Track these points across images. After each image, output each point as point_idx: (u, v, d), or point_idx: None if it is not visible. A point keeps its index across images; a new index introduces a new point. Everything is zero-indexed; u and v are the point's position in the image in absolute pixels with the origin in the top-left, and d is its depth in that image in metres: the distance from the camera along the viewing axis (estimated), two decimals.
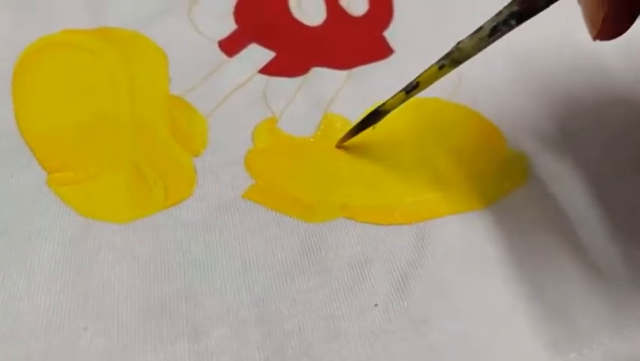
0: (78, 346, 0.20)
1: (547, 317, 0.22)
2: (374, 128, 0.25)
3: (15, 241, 0.22)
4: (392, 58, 0.30)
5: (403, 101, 0.23)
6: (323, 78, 0.28)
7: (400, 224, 0.24)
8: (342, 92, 0.28)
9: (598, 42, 0.19)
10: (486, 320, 0.22)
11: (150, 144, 0.25)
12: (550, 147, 0.26)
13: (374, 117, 0.24)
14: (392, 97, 0.24)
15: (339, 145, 0.26)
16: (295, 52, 0.29)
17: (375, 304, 0.22)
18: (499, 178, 0.25)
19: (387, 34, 0.31)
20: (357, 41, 0.30)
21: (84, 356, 0.20)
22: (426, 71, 0.22)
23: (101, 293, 0.21)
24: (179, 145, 0.25)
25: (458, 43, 0.21)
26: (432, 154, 0.26)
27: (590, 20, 0.18)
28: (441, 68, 0.22)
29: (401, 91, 0.23)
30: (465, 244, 0.23)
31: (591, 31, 0.19)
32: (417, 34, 0.30)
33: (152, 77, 0.27)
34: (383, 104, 0.24)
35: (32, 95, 0.26)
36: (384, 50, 0.30)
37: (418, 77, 0.23)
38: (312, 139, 0.26)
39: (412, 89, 0.23)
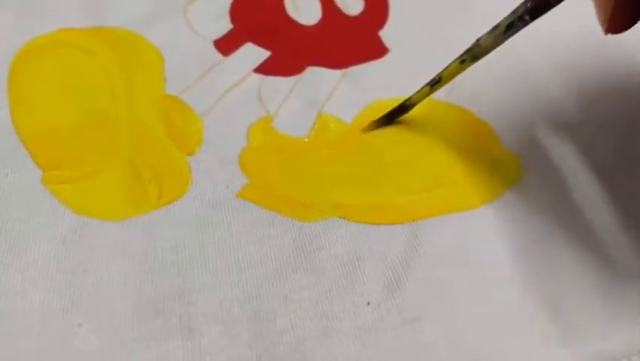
0: (72, 343, 0.20)
1: (541, 314, 0.22)
2: (401, 122, 0.26)
3: (10, 238, 0.22)
4: (387, 57, 0.30)
5: (427, 95, 0.25)
6: (318, 77, 0.28)
7: (394, 223, 0.24)
8: (337, 91, 0.28)
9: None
10: (479, 319, 0.22)
11: (145, 142, 0.25)
12: (544, 146, 0.26)
13: (400, 111, 0.26)
14: (417, 91, 0.25)
15: (363, 132, 0.26)
16: (290, 51, 0.29)
17: (368, 303, 0.22)
18: (493, 177, 0.25)
19: (382, 33, 0.31)
20: (353, 41, 0.30)
21: (78, 352, 0.20)
22: (448, 66, 0.23)
23: (96, 291, 0.21)
24: (174, 144, 0.25)
25: (478, 39, 0.22)
26: (426, 153, 0.26)
27: (600, 14, 0.19)
28: (462, 62, 0.23)
29: (425, 85, 0.24)
30: (458, 244, 0.24)
31: (602, 25, 0.20)
32: (412, 34, 0.30)
33: (148, 77, 0.28)
34: (409, 98, 0.25)
35: (28, 93, 0.26)
36: (379, 50, 0.30)
37: (440, 72, 0.24)
38: (306, 139, 0.26)
39: (435, 83, 0.24)
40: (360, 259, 0.23)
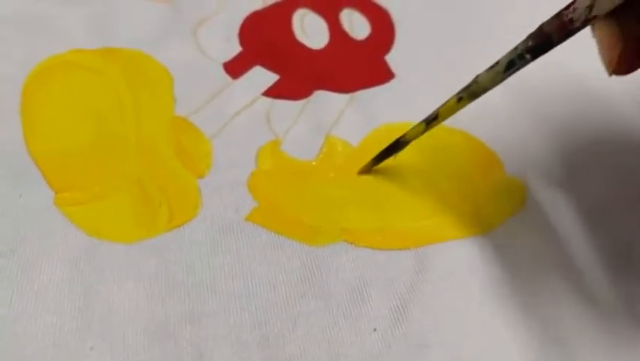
0: None
1: (543, 344, 0.22)
2: (395, 157, 0.25)
3: (22, 260, 0.22)
4: (393, 82, 0.30)
5: (423, 132, 0.24)
6: (325, 101, 0.29)
7: (400, 249, 0.24)
8: (344, 115, 0.29)
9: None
10: (483, 346, 0.22)
11: (155, 165, 0.26)
12: (547, 175, 0.27)
13: (395, 147, 0.25)
14: (412, 128, 0.24)
15: (361, 173, 0.26)
16: (298, 75, 0.30)
17: (374, 329, 0.22)
18: (497, 204, 0.26)
19: (388, 58, 0.31)
20: (359, 65, 0.31)
21: None
22: (445, 103, 0.23)
23: (107, 313, 0.22)
24: (184, 166, 0.26)
25: (477, 77, 0.21)
26: (432, 179, 0.26)
27: (607, 56, 0.19)
28: (459, 100, 0.22)
29: (421, 122, 0.24)
30: (463, 270, 0.24)
31: (607, 68, 0.19)
32: (418, 59, 0.31)
33: (158, 98, 0.28)
34: (404, 135, 0.24)
35: (40, 114, 0.27)
36: (385, 74, 0.31)
37: (437, 109, 0.23)
38: (313, 162, 0.27)
39: (431, 120, 0.23)
40: (367, 284, 0.23)
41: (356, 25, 0.32)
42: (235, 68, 0.30)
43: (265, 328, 0.22)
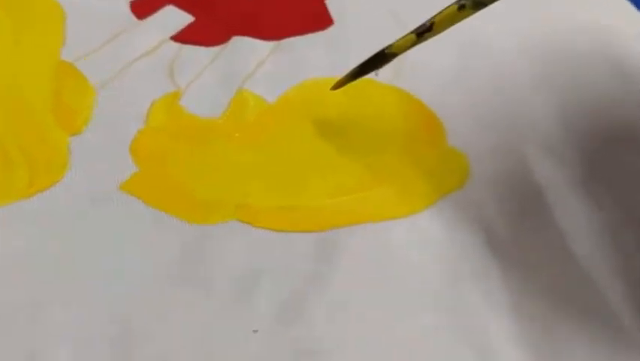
0: None
1: (467, 339, 0.19)
2: (377, 74, 0.21)
3: None
4: (330, 30, 0.26)
5: (413, 44, 0.20)
6: (244, 49, 0.25)
7: (304, 231, 0.20)
8: (264, 66, 0.24)
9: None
10: (397, 354, 0.19)
11: (21, 116, 0.22)
12: (494, 148, 0.22)
13: (378, 60, 0.20)
14: (401, 38, 0.20)
15: (333, 89, 0.22)
16: (216, 17, 0.26)
17: (255, 330, 0.18)
18: (433, 180, 0.22)
19: (329, 1, 0.27)
20: (292, 8, 0.27)
21: None
22: (444, 10, 0.19)
23: None
24: (56, 120, 0.22)
25: None
26: (355, 147, 0.22)
27: None
28: (461, 8, 0.18)
29: (412, 32, 0.19)
30: (380, 260, 0.20)
31: None
32: (363, 4, 0.27)
33: (43, 38, 0.24)
34: (390, 45, 0.20)
35: None
36: (322, 20, 0.26)
37: (433, 17, 0.19)
38: (219, 120, 0.23)
39: (425, 30, 0.19)
40: (259, 274, 0.19)
41: None
42: (142, 6, 0.26)
43: (125, 322, 0.18)
